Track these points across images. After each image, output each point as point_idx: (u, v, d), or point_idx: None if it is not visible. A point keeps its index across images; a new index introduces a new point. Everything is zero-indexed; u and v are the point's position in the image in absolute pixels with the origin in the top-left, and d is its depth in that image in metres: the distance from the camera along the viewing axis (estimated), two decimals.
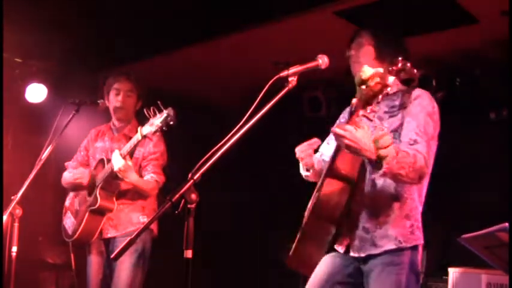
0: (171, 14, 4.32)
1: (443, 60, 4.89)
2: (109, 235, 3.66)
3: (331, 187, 2.42)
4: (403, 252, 2.51)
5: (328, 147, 2.91)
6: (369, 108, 2.21)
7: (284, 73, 2.28)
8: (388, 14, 4.16)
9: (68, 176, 3.84)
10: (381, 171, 2.28)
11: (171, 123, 3.15)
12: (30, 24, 4.29)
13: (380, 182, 2.54)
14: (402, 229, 2.53)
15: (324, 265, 2.65)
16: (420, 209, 2.63)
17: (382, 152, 2.23)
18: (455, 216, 4.90)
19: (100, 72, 5.39)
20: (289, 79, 2.28)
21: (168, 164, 3.82)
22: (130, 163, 3.43)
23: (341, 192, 2.42)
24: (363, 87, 2.11)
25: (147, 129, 3.25)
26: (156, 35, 4.64)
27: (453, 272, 4.25)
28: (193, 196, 2.00)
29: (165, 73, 5.41)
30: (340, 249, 2.62)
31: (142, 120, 3.45)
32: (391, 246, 2.51)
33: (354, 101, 2.23)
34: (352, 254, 2.59)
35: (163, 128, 3.17)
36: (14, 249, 3.14)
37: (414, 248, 2.55)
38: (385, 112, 2.61)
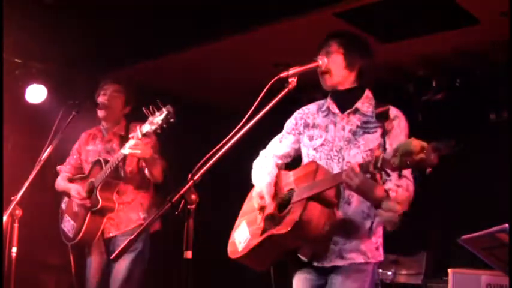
0: (171, 15, 4.32)
1: (443, 60, 4.89)
2: (110, 234, 3.68)
3: (313, 210, 2.45)
4: (368, 264, 2.59)
5: (280, 145, 2.90)
6: (400, 173, 2.20)
7: (284, 74, 2.28)
8: (388, 15, 4.16)
9: (62, 185, 3.85)
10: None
11: (171, 120, 3.12)
12: (31, 25, 4.29)
13: (354, 200, 2.57)
14: (370, 245, 2.60)
15: None
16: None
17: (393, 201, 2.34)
18: (455, 217, 4.90)
19: (100, 74, 5.39)
20: (289, 80, 2.28)
21: (168, 165, 3.82)
22: (142, 143, 3.39)
23: (320, 214, 2.46)
24: (406, 156, 2.08)
25: (147, 127, 3.23)
26: (156, 37, 4.64)
27: (453, 273, 4.25)
28: (193, 197, 2.00)
29: (165, 74, 5.42)
30: (304, 258, 2.64)
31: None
32: (359, 259, 2.57)
33: (380, 155, 2.20)
34: (315, 264, 2.62)
35: (164, 126, 3.15)
36: (14, 250, 3.14)
37: (377, 262, 2.64)
38: (358, 127, 2.61)
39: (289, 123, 2.88)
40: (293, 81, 2.29)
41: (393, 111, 2.60)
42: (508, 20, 3.87)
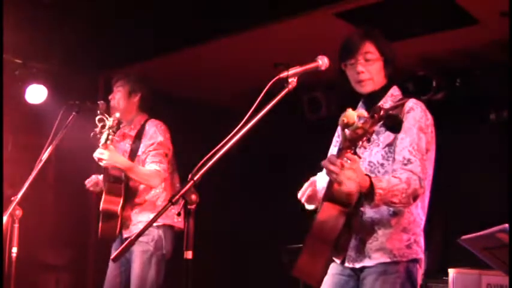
0: (172, 15, 4.32)
1: (443, 60, 4.89)
2: (125, 236, 3.70)
3: (328, 211, 2.42)
4: (398, 264, 2.50)
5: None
6: (357, 148, 2.22)
7: (284, 74, 2.28)
8: (388, 15, 4.16)
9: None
10: (373, 204, 2.30)
11: (112, 129, 3.46)
12: (31, 25, 4.29)
13: None
14: (399, 243, 2.51)
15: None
16: (422, 221, 2.60)
17: (376, 185, 2.27)
18: (455, 217, 4.90)
19: (100, 74, 5.40)
20: (289, 80, 2.28)
21: None
22: (107, 151, 3.47)
23: (338, 216, 2.41)
24: (347, 130, 2.14)
25: (103, 138, 3.48)
26: (156, 36, 4.64)
27: (453, 273, 4.26)
28: (194, 197, 2.00)
29: (165, 74, 5.41)
30: (337, 260, 2.63)
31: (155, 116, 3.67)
32: (385, 259, 2.50)
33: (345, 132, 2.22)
34: (347, 264, 2.60)
35: (110, 136, 3.45)
36: (14, 250, 3.15)
37: (411, 260, 2.53)
38: (381, 126, 2.58)
39: (334, 136, 2.89)
40: (293, 81, 2.29)
41: (409, 103, 2.53)
42: (508, 20, 3.87)
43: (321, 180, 2.78)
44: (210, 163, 2.05)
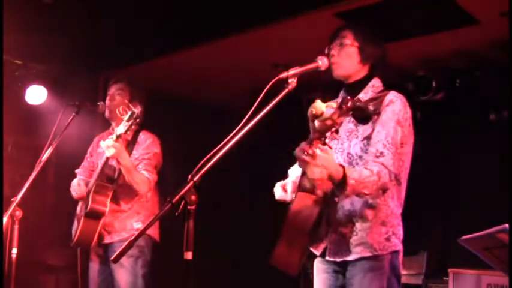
0: (171, 15, 4.33)
1: (443, 61, 4.89)
2: (105, 241, 3.67)
3: (302, 201, 2.47)
4: (380, 258, 2.52)
5: None
6: (326, 139, 2.24)
7: (284, 75, 2.29)
8: (388, 15, 4.16)
9: (71, 188, 3.84)
10: (344, 194, 2.33)
11: (137, 120, 3.29)
12: (31, 26, 4.30)
13: None
14: (378, 236, 2.53)
15: None
16: (398, 212, 2.62)
17: (349, 176, 2.29)
18: (455, 217, 4.90)
19: (100, 74, 5.40)
20: (289, 81, 2.28)
21: (169, 165, 3.81)
22: (118, 144, 3.42)
23: (312, 205, 2.46)
24: (316, 121, 2.17)
25: (120, 129, 3.35)
26: (156, 37, 4.65)
27: (453, 273, 4.26)
28: (194, 198, 2.00)
29: (165, 75, 5.42)
30: (316, 252, 2.64)
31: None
32: (366, 253, 2.52)
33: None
34: (327, 257, 2.61)
35: (132, 126, 3.31)
36: (14, 251, 3.14)
37: (392, 253, 2.55)
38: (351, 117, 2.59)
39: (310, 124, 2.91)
40: (293, 81, 2.29)
41: (390, 96, 2.55)
42: (508, 20, 3.87)
43: (295, 171, 2.82)
44: (210, 164, 2.05)
